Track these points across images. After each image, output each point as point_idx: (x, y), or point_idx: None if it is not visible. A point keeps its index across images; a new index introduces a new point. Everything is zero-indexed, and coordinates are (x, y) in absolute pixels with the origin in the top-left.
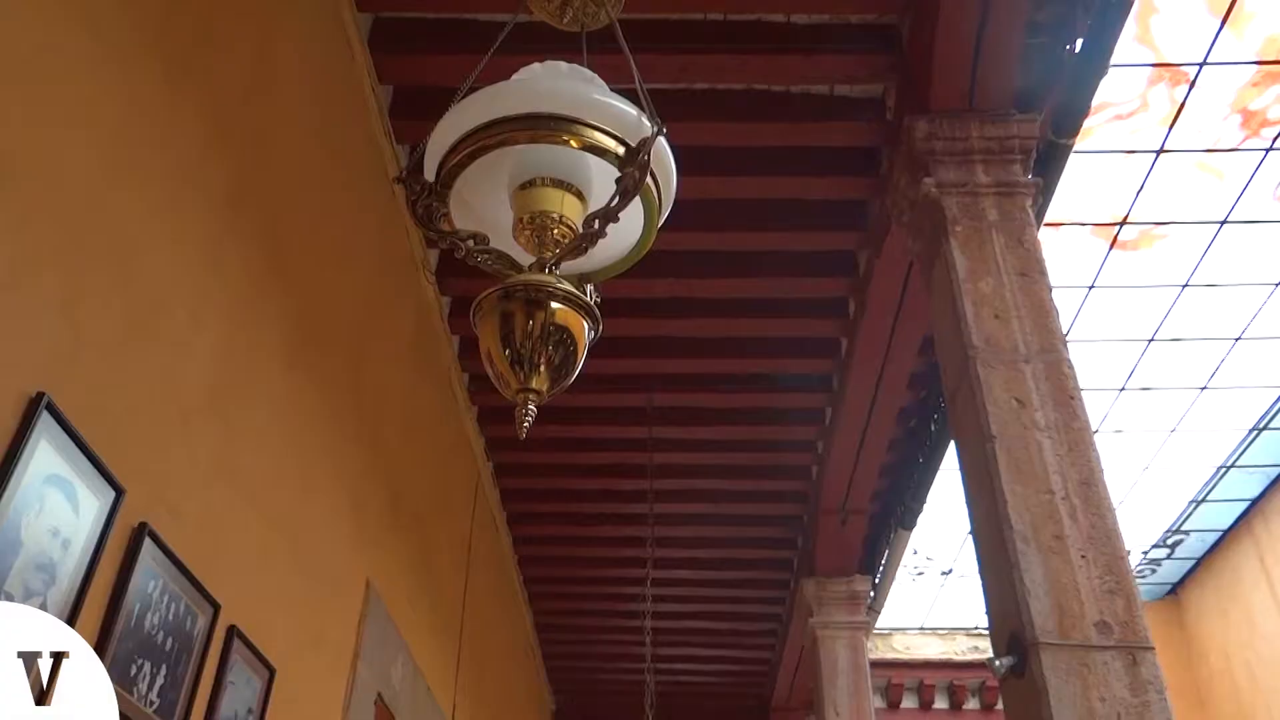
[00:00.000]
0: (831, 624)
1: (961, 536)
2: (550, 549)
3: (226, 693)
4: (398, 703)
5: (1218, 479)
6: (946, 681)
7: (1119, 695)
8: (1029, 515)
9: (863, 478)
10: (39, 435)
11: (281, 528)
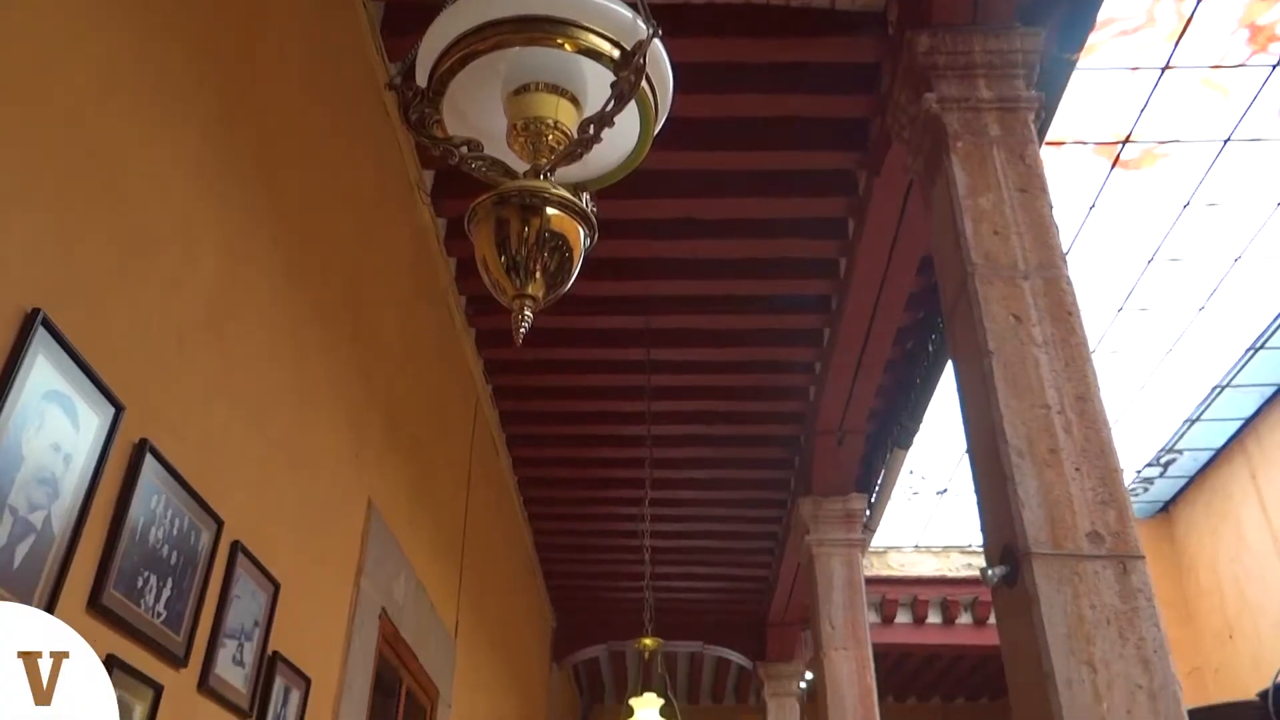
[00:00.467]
0: (827, 541)
1: (957, 456)
2: (549, 470)
3: (232, 606)
4: (401, 617)
5: (1212, 398)
6: (940, 597)
7: (1108, 602)
8: (1024, 429)
9: (860, 398)
10: (36, 351)
11: (282, 446)
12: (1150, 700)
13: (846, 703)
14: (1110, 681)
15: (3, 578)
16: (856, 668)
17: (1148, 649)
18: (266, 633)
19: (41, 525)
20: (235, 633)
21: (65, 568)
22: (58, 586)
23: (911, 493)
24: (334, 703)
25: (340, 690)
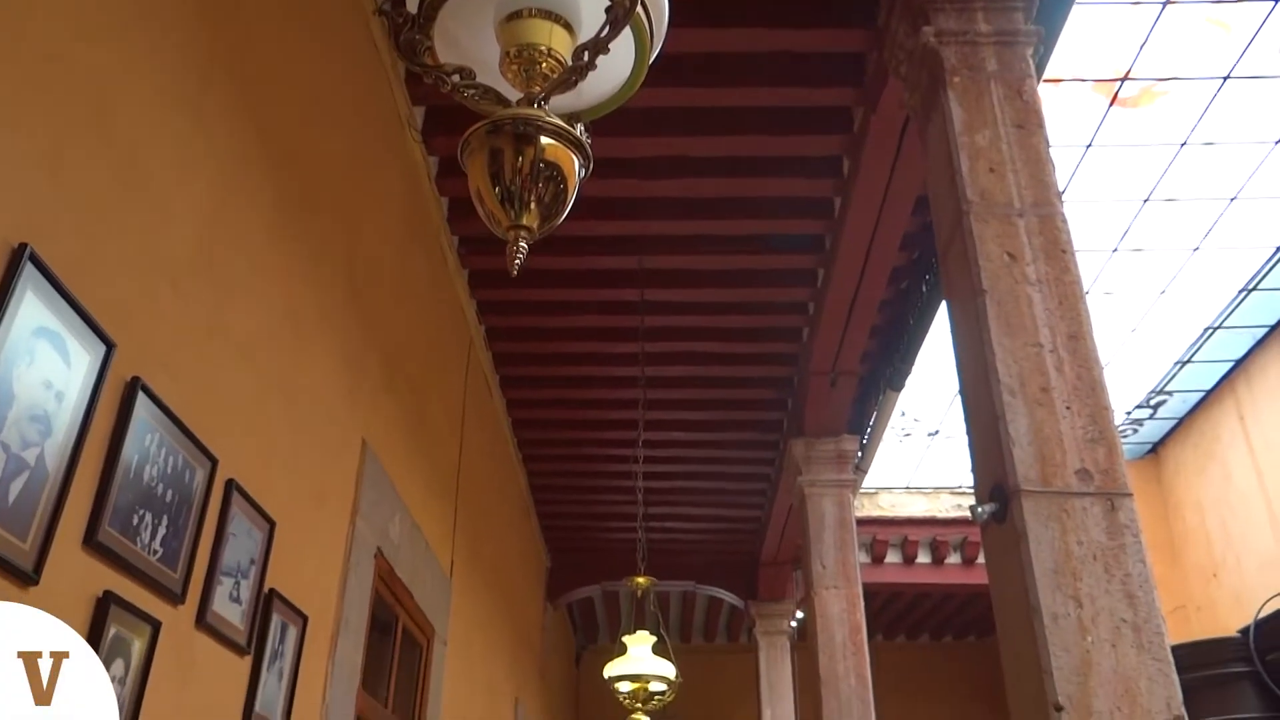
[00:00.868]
0: (819, 482)
1: (949, 398)
2: (543, 412)
3: (228, 544)
4: (397, 557)
5: (1204, 340)
6: (929, 537)
7: (1095, 539)
8: (1016, 368)
9: (853, 339)
10: (24, 286)
11: (276, 386)
12: (1134, 634)
13: (836, 640)
14: (1095, 615)
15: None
16: (847, 606)
17: (1133, 584)
18: (263, 570)
19: (35, 462)
20: (232, 570)
21: (60, 505)
22: (53, 523)
23: (903, 434)
24: (331, 639)
25: (337, 627)
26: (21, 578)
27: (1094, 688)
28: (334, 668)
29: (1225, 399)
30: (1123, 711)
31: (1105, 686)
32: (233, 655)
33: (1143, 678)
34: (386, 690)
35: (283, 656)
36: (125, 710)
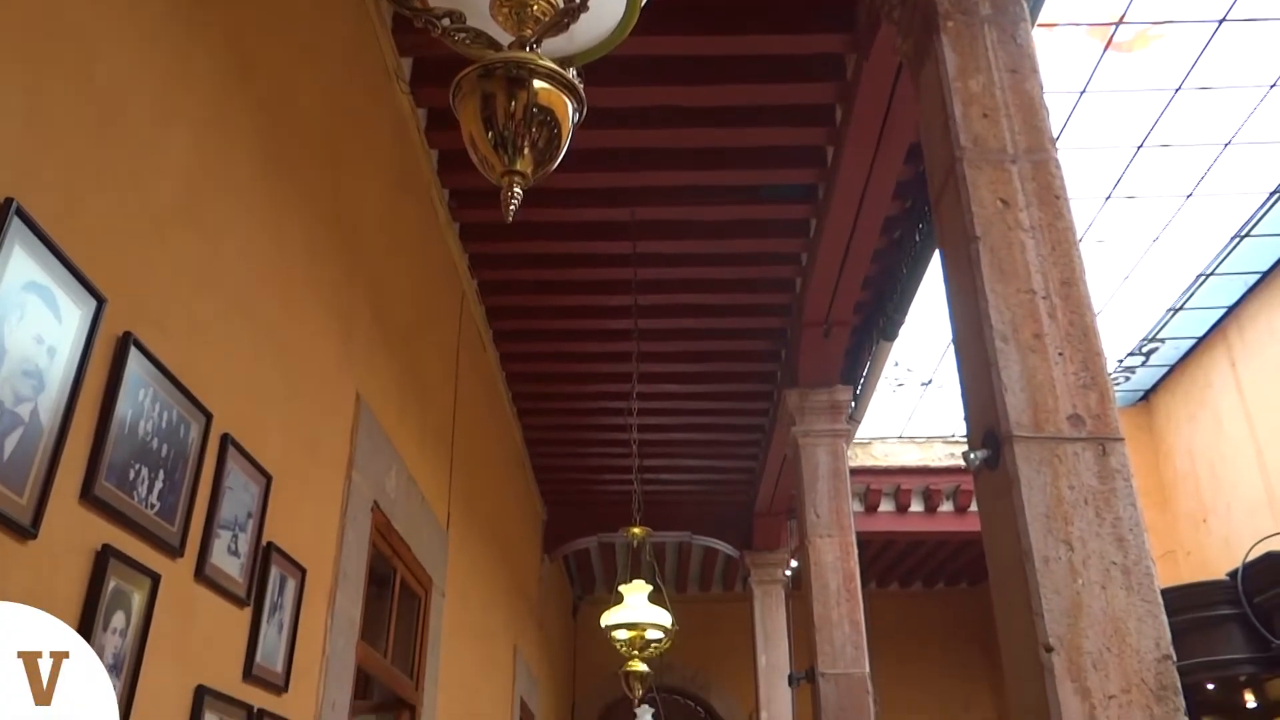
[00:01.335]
0: (813, 432)
1: (942, 348)
2: (537, 365)
3: (225, 498)
4: (394, 510)
5: (1197, 286)
6: (923, 486)
7: (1087, 483)
8: (1009, 314)
9: (846, 289)
10: (12, 240)
11: (268, 340)
12: (1124, 576)
13: (831, 587)
14: (1086, 558)
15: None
16: (841, 553)
17: (1123, 527)
18: (260, 524)
19: (29, 417)
20: (229, 524)
21: (56, 459)
22: (49, 478)
23: (896, 384)
24: (330, 592)
25: (335, 580)
26: (20, 532)
27: (1084, 628)
28: (333, 620)
29: (1217, 345)
30: (1112, 651)
31: (1095, 627)
32: (232, 607)
33: (1132, 618)
34: (386, 641)
35: (282, 609)
36: (128, 662)
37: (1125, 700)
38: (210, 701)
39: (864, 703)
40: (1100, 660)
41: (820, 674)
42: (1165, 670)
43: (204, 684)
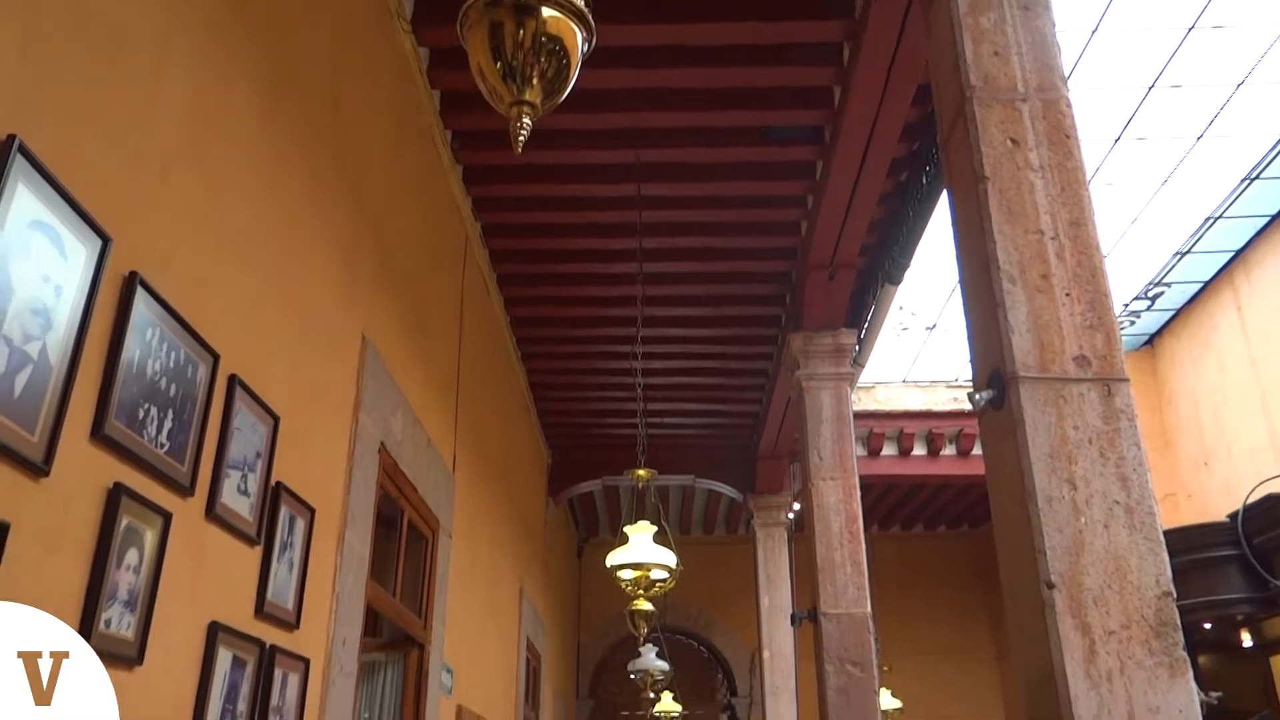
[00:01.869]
0: (817, 375)
1: (947, 292)
2: (541, 309)
3: (234, 438)
4: (400, 452)
5: (1204, 230)
6: (925, 430)
7: (1091, 423)
8: (1017, 255)
9: (852, 232)
10: (16, 178)
11: (274, 280)
12: (1127, 515)
13: (833, 529)
14: (1089, 498)
15: (4, 408)
16: (843, 495)
17: (1127, 467)
18: (269, 464)
19: (38, 355)
20: (238, 464)
21: (65, 398)
22: (59, 416)
23: (901, 328)
24: (338, 531)
25: (344, 520)
26: (32, 469)
27: (1085, 566)
28: (342, 558)
29: (1223, 289)
30: (1113, 588)
31: (1097, 565)
32: (243, 545)
33: (1134, 556)
34: (394, 581)
35: (292, 547)
36: (142, 598)
37: (1125, 636)
38: (224, 637)
39: (865, 641)
40: (1101, 597)
41: (822, 614)
42: (1165, 607)
43: (217, 620)
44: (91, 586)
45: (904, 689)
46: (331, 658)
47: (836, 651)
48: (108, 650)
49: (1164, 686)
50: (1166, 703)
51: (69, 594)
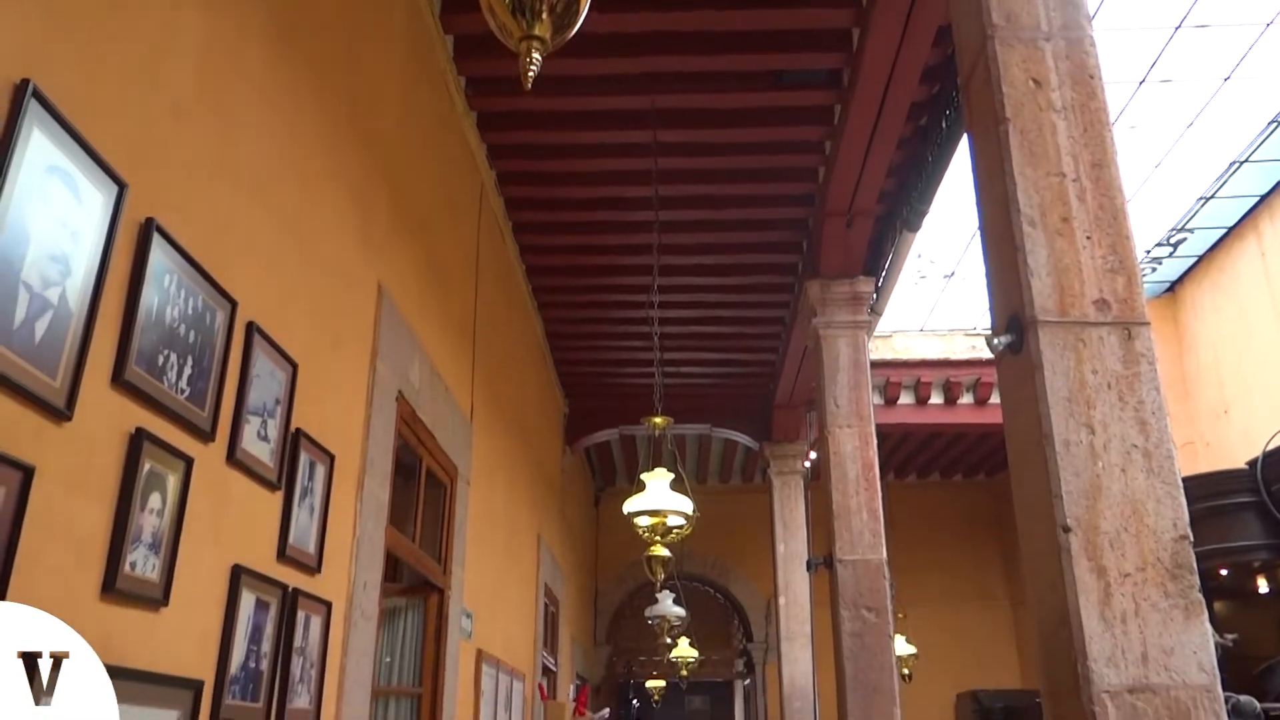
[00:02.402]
0: (834, 324)
1: (965, 240)
2: (557, 258)
3: (253, 384)
4: (418, 400)
5: (1229, 174)
6: (943, 378)
7: (1110, 367)
8: (1038, 198)
9: (870, 178)
10: (31, 123)
11: (290, 227)
12: (1145, 459)
13: (849, 476)
14: (1108, 442)
15: (26, 352)
16: (860, 443)
17: (1146, 411)
18: (288, 411)
19: (58, 302)
20: (258, 410)
21: (86, 343)
22: (80, 361)
23: (919, 277)
24: (358, 478)
25: (363, 466)
26: (55, 414)
27: (1102, 509)
28: (362, 504)
29: (1247, 235)
30: (1129, 531)
31: (1113, 508)
32: (264, 491)
33: (1151, 499)
34: (414, 527)
35: (312, 493)
36: (166, 542)
37: (1140, 578)
38: (247, 580)
39: (880, 587)
40: (1117, 540)
41: (838, 560)
42: (1181, 550)
43: (240, 563)
44: (116, 529)
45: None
46: (353, 601)
47: (852, 597)
48: (133, 592)
49: (1179, 628)
50: (1181, 643)
51: (94, 536)
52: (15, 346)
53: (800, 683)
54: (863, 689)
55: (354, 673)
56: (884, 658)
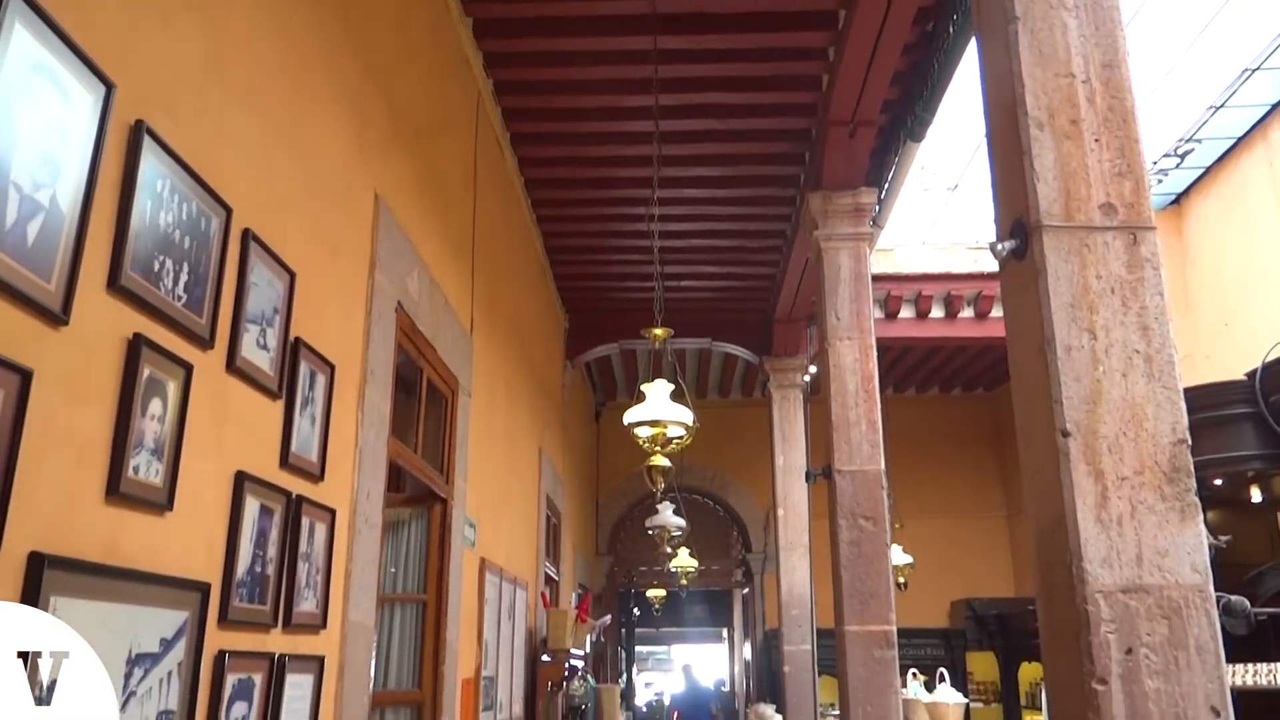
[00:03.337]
0: (836, 236)
1: (969, 151)
2: (556, 170)
3: (251, 292)
4: (418, 312)
5: (1241, 82)
6: (944, 292)
7: (1115, 272)
8: (1046, 100)
9: (874, 86)
10: (13, 18)
11: (282, 135)
12: (1146, 364)
13: (849, 388)
14: (1109, 347)
15: (19, 255)
16: (860, 355)
17: (1149, 316)
18: (287, 320)
19: (49, 204)
20: (256, 318)
21: (79, 247)
22: (75, 265)
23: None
24: (359, 388)
25: (364, 377)
26: (51, 318)
27: (1102, 414)
28: (363, 414)
29: (1256, 145)
30: (1128, 436)
31: (1113, 413)
32: (265, 399)
33: (1150, 404)
34: (415, 439)
35: (313, 402)
36: (168, 447)
37: (1138, 482)
38: (250, 486)
39: (878, 496)
40: (1116, 444)
41: (837, 471)
42: (1179, 454)
43: (243, 470)
44: (117, 434)
45: (915, 545)
46: (356, 509)
47: (850, 506)
48: (137, 495)
49: (1174, 530)
50: (1175, 544)
51: (96, 441)
52: (8, 248)
53: (798, 591)
54: (859, 596)
55: (359, 578)
56: (880, 566)
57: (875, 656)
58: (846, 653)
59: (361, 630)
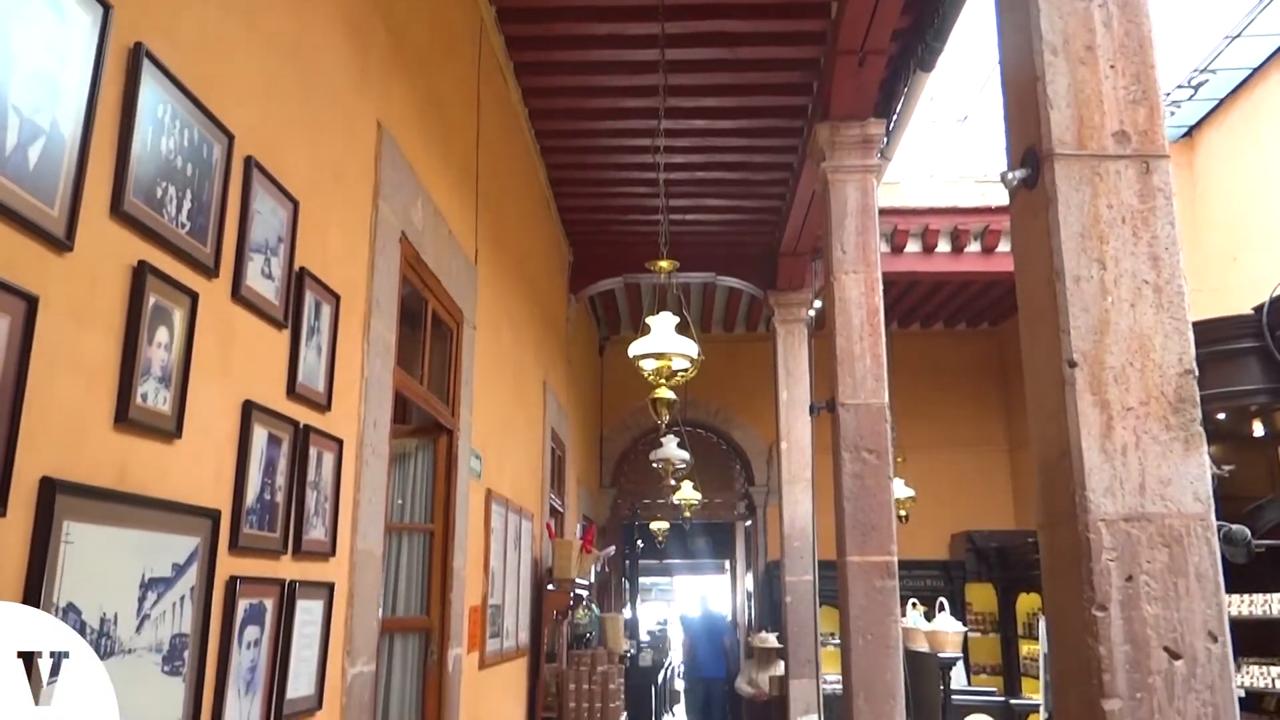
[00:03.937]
0: (843, 168)
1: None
2: (560, 100)
3: (254, 221)
4: (422, 242)
5: (1260, 10)
6: (950, 226)
7: (1126, 201)
8: (1062, 24)
9: (885, 12)
10: None
11: (283, 61)
12: (1155, 294)
13: (854, 322)
14: (1118, 278)
15: (20, 178)
16: (865, 289)
17: (1159, 246)
18: (291, 249)
19: (49, 127)
20: (260, 247)
21: (81, 172)
22: (77, 190)
23: (930, 122)
24: (364, 318)
25: (369, 307)
26: (55, 244)
27: (1109, 344)
28: (369, 344)
29: (1271, 76)
30: (1135, 366)
31: (1120, 343)
32: (271, 329)
33: (1158, 334)
34: (421, 370)
35: (319, 332)
36: (176, 375)
37: (1143, 412)
38: (258, 415)
39: (882, 430)
40: (1122, 375)
41: (840, 404)
42: (1185, 384)
43: (251, 399)
44: (125, 361)
45: (917, 478)
46: (363, 439)
47: (853, 439)
48: (146, 422)
49: (1177, 460)
50: (1179, 474)
51: (103, 367)
52: (9, 173)
53: (800, 524)
54: (861, 528)
55: (367, 507)
56: (883, 498)
57: (876, 586)
58: (848, 583)
59: (370, 558)
